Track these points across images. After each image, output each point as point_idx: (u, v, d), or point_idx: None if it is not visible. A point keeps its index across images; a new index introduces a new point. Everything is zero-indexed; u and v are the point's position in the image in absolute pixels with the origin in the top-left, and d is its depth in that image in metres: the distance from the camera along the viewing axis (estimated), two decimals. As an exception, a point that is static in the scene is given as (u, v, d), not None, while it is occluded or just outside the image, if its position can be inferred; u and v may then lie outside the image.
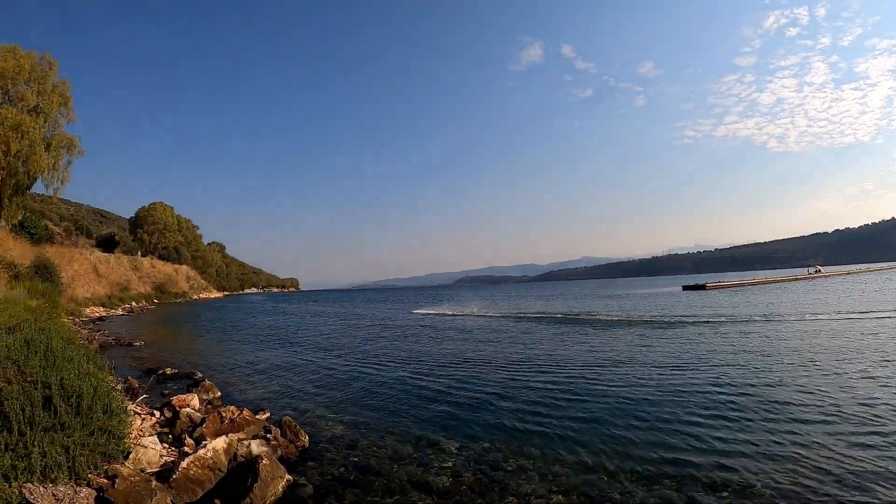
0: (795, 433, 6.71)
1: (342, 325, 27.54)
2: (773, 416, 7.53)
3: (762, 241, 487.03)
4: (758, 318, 21.66)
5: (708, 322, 21.02)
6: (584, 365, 12.32)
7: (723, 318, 22.14)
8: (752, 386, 9.45)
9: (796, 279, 74.47)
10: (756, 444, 6.34)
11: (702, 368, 11.29)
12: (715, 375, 10.45)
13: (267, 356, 16.47)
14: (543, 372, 11.77)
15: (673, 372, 11.04)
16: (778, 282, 69.39)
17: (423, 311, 36.77)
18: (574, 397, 9.21)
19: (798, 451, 6.09)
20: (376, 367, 13.49)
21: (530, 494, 5.20)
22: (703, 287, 56.63)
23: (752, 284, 65.09)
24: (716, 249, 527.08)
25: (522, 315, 29.94)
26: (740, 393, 8.99)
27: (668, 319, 22.98)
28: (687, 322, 21.47)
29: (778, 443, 6.39)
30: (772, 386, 9.40)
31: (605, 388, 9.80)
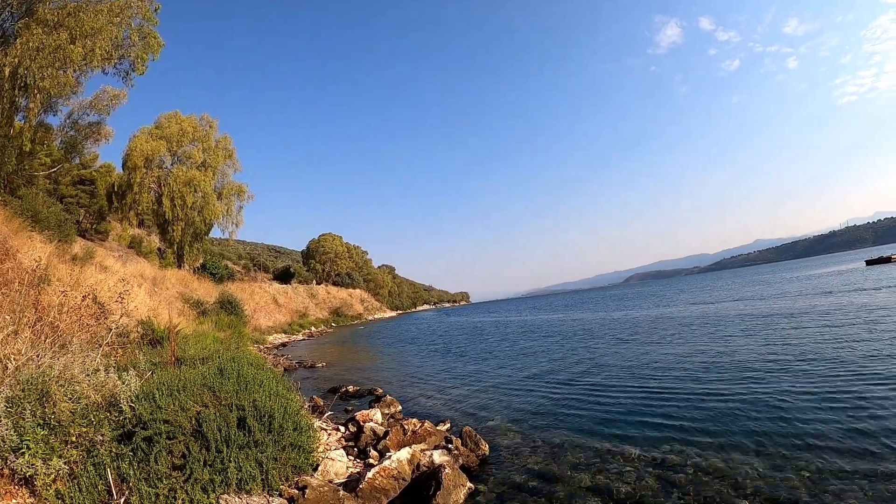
0: None
1: (512, 335, 27.80)
2: None
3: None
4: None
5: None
6: (773, 363, 11.10)
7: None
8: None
9: None
10: None
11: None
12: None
13: (442, 368, 17.49)
14: (731, 370, 10.98)
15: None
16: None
17: (589, 315, 35.85)
18: (763, 400, 8.42)
19: None
20: (549, 375, 13.56)
21: (713, 498, 5.28)
22: (888, 260, 55.06)
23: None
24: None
25: (676, 308, 29.41)
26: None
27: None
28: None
29: None
30: None
31: (802, 387, 8.78)
